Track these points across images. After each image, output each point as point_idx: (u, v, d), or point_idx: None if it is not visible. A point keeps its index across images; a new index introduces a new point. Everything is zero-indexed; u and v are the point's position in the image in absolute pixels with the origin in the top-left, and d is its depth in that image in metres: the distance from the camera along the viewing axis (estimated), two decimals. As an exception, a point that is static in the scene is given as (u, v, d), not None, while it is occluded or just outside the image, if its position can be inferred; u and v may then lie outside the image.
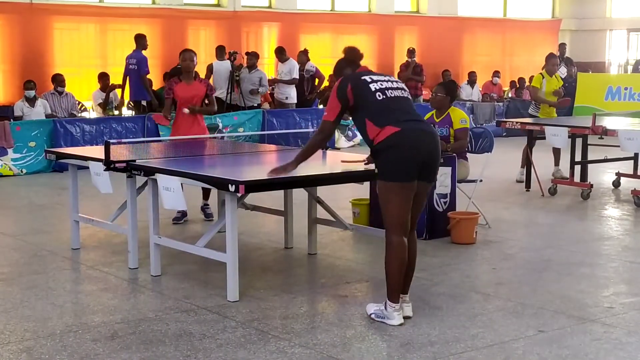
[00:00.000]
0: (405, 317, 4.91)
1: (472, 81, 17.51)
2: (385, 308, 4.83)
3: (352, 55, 5.14)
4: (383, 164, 4.77)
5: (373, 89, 4.79)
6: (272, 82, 14.87)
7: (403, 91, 4.94)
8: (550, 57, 11.16)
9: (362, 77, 4.86)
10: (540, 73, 10.97)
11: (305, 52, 14.99)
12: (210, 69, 13.96)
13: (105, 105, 13.00)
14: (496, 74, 18.14)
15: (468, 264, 6.44)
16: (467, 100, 16.90)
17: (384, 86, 4.83)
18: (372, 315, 4.90)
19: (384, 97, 4.79)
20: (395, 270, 4.80)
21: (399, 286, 4.84)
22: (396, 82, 4.95)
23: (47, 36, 14.34)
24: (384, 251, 5.19)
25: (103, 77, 13.27)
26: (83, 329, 4.81)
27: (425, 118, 7.76)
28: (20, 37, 13.97)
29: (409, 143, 4.69)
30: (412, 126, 4.75)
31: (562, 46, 18.84)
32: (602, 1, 21.81)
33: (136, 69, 12.69)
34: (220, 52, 14.09)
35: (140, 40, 12.89)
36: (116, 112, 13.07)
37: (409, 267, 4.95)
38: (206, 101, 8.01)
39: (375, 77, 4.87)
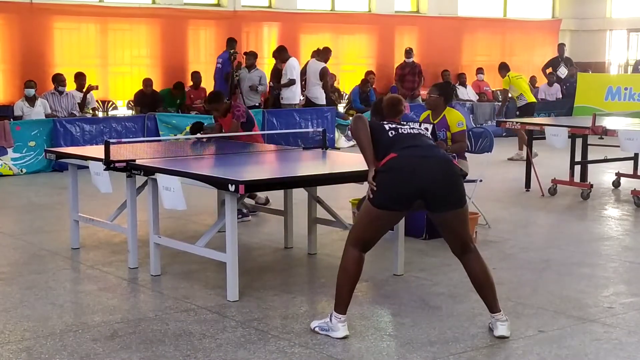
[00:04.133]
0: (499, 337, 4.59)
1: (462, 82, 17.61)
2: (331, 320, 4.64)
3: (386, 109, 4.96)
4: (376, 187, 4.54)
5: (387, 128, 4.69)
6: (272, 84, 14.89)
7: (420, 130, 4.79)
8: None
9: (381, 122, 4.79)
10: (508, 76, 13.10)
11: (325, 50, 15.14)
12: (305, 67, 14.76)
13: (83, 105, 12.98)
14: (480, 70, 18.29)
15: (468, 264, 6.43)
16: (466, 100, 16.93)
17: (397, 126, 4.72)
18: (316, 328, 4.69)
19: (395, 133, 4.66)
20: (344, 281, 4.62)
21: (347, 298, 4.64)
22: (417, 126, 4.81)
23: (47, 36, 14.32)
24: (384, 251, 5.19)
25: (79, 77, 13.27)
26: (83, 329, 4.81)
27: (421, 119, 7.76)
28: (20, 36, 13.94)
29: (404, 168, 4.48)
30: (411, 152, 4.55)
31: (561, 46, 18.85)
32: (602, 1, 21.78)
33: (221, 67, 13.90)
34: (317, 53, 14.95)
35: (232, 42, 14.10)
36: (90, 115, 13.03)
37: (480, 285, 4.72)
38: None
39: (393, 125, 4.76)
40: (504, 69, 13.66)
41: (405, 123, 4.84)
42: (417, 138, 4.70)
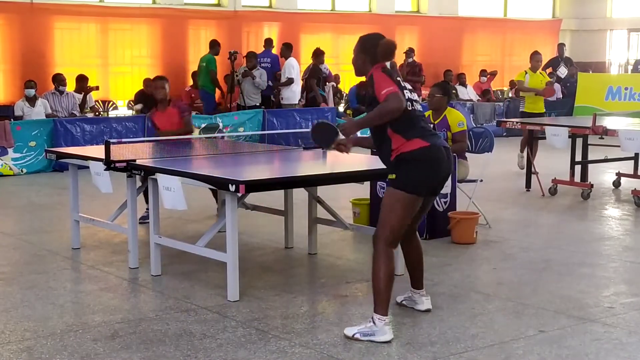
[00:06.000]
0: (425, 310, 5.05)
1: (462, 82, 17.60)
2: (375, 323, 4.56)
3: (381, 53, 4.69)
4: (406, 174, 4.58)
5: (406, 97, 4.60)
6: (274, 85, 14.91)
7: (419, 104, 4.80)
8: (533, 54, 11.97)
9: (397, 78, 4.69)
10: (525, 70, 11.75)
11: (320, 52, 15.16)
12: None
13: (83, 106, 12.97)
14: (483, 72, 18.25)
15: (468, 264, 6.44)
16: (467, 100, 16.93)
17: (412, 97, 4.67)
18: (357, 335, 4.55)
19: (412, 108, 4.67)
20: (385, 281, 4.58)
21: (389, 298, 4.63)
22: (414, 92, 4.75)
23: (47, 36, 14.34)
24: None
25: (80, 80, 13.27)
26: (83, 329, 4.81)
27: None
28: (21, 36, 13.97)
29: (436, 159, 4.64)
30: (437, 142, 4.69)
31: (560, 46, 18.86)
32: (603, 1, 21.80)
33: (270, 67, 14.58)
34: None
35: (270, 42, 15.04)
36: (90, 115, 13.01)
37: (418, 265, 5.08)
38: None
39: (402, 83, 4.70)
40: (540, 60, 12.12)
41: (404, 86, 4.69)
42: (426, 120, 4.84)
